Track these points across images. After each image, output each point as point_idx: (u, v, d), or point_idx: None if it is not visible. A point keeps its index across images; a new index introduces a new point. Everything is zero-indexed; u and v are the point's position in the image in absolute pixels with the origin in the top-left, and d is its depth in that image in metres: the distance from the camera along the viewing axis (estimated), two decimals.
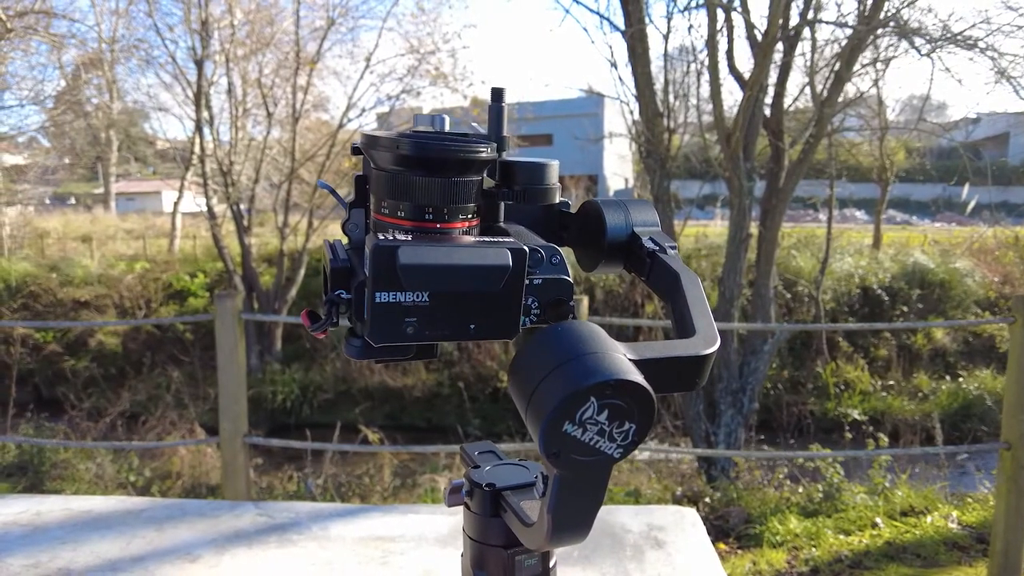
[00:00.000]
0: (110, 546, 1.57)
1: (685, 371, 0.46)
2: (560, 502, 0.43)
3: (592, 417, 0.40)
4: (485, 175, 0.56)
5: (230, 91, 10.74)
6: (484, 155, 0.52)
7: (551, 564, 0.60)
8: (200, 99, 10.27)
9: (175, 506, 1.81)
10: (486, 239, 0.50)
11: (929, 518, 3.96)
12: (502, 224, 0.58)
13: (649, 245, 0.56)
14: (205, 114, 10.49)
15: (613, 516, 1.69)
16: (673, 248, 0.56)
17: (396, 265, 0.45)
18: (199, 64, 10.16)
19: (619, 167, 26.37)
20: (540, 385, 0.41)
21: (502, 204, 0.58)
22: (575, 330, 0.43)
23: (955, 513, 4.02)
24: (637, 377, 0.40)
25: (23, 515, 1.73)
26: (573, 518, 0.45)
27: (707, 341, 0.47)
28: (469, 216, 0.53)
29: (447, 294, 0.47)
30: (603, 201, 0.60)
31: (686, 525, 1.67)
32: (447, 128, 0.54)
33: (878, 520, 3.95)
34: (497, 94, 0.57)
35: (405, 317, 0.47)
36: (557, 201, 0.58)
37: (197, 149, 10.58)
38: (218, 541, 1.59)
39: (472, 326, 0.49)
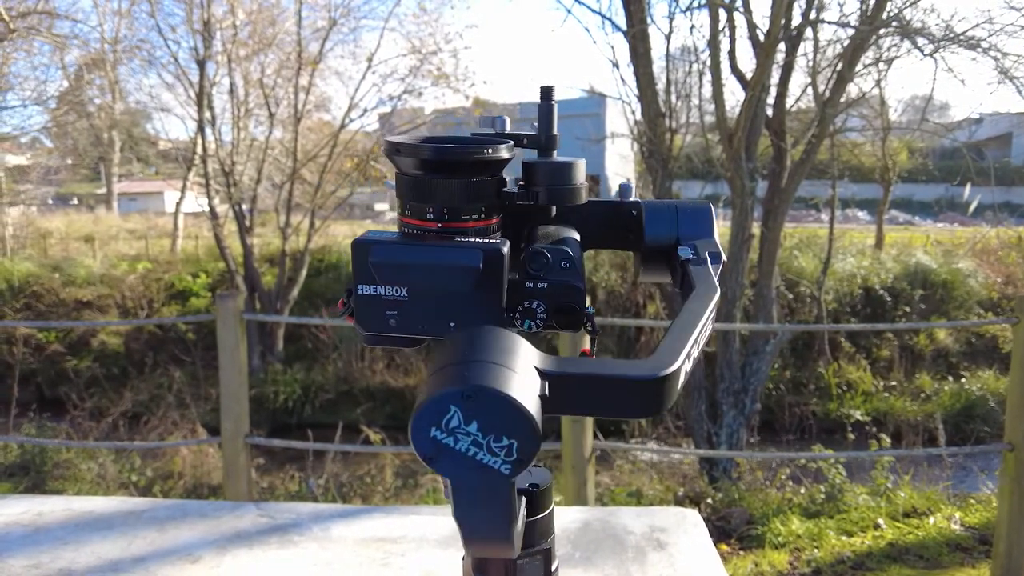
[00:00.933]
0: (111, 547, 1.57)
1: (629, 394, 0.42)
2: (462, 512, 0.42)
3: (460, 427, 0.38)
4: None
5: (232, 91, 10.75)
6: (489, 156, 0.51)
7: (553, 568, 0.59)
8: (202, 99, 10.28)
9: (176, 507, 1.81)
10: (476, 240, 0.50)
11: (932, 519, 3.95)
12: (549, 226, 0.58)
13: (684, 254, 0.54)
14: (207, 114, 10.49)
15: (615, 517, 1.68)
16: (716, 259, 0.54)
17: (368, 261, 0.47)
18: (201, 64, 10.17)
19: (621, 167, 26.36)
20: (423, 385, 0.41)
21: (554, 207, 0.57)
22: (479, 336, 0.42)
23: (958, 514, 4.01)
24: (505, 389, 0.37)
25: (24, 515, 1.72)
26: (484, 531, 0.43)
27: (655, 365, 0.41)
28: (481, 216, 0.52)
29: (422, 291, 0.49)
30: (651, 204, 0.58)
31: (688, 526, 1.67)
32: (507, 128, 0.56)
33: (880, 521, 3.94)
34: (546, 92, 0.56)
35: (386, 310, 0.49)
36: (583, 201, 0.57)
37: (199, 149, 10.59)
38: (219, 542, 1.59)
39: (452, 324, 0.49)
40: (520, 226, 0.58)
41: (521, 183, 0.56)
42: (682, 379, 0.43)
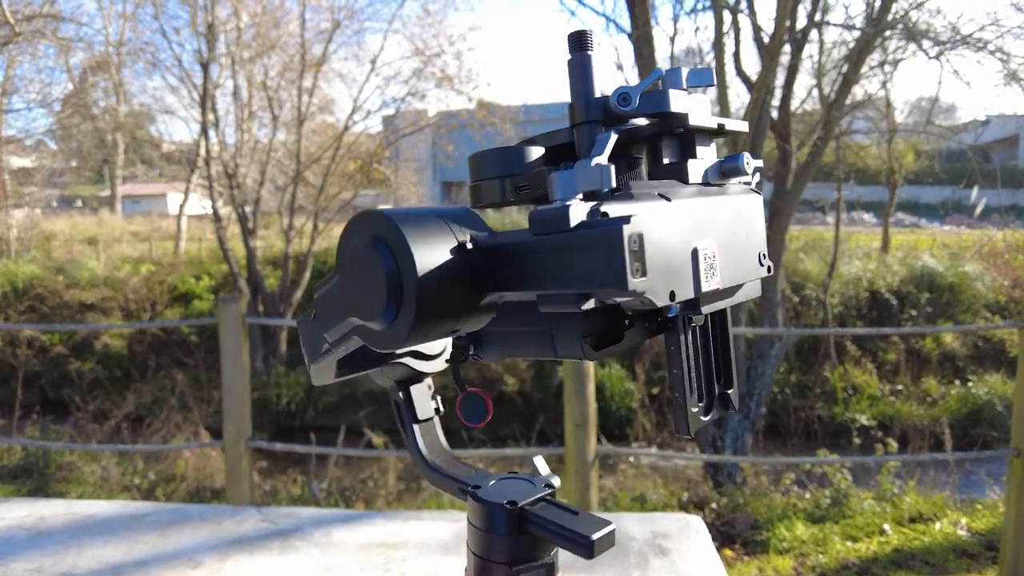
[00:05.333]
0: (113, 551, 1.57)
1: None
2: None
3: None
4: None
5: (236, 94, 10.78)
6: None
7: None
8: (206, 102, 10.29)
9: (178, 511, 1.80)
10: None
11: (938, 525, 3.92)
12: None
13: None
14: (211, 117, 10.51)
15: (617, 524, 1.66)
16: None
17: None
18: (205, 67, 10.18)
19: None
20: None
21: None
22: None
23: (964, 520, 3.98)
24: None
25: (27, 519, 1.72)
26: None
27: None
28: None
29: None
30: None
31: (691, 532, 1.65)
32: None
33: (886, 526, 3.91)
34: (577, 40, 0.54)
35: None
36: None
37: (203, 152, 10.60)
38: (220, 547, 1.58)
39: None
40: None
41: None
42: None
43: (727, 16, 5.54)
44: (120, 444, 6.71)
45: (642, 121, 0.51)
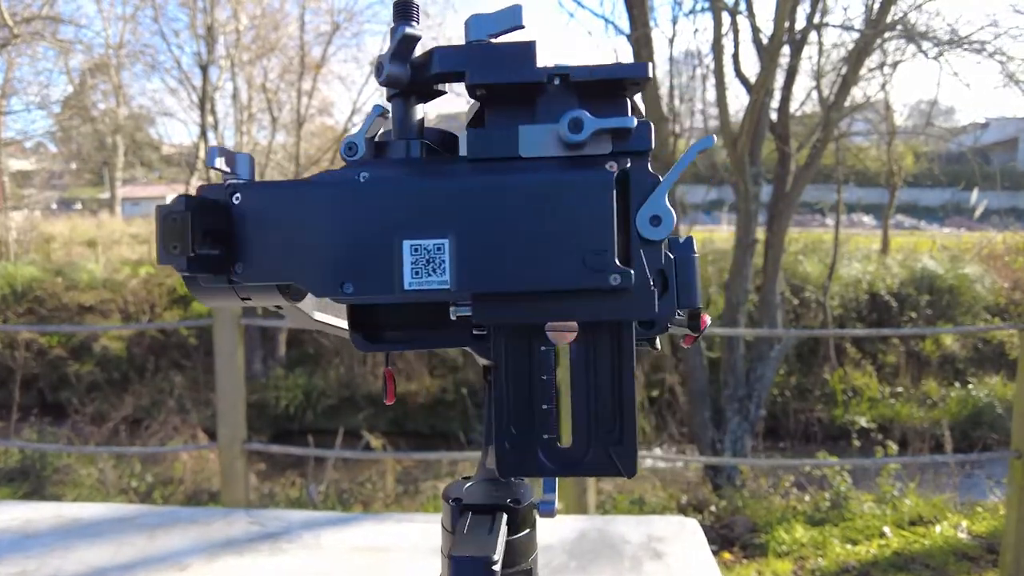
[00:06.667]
0: (100, 554, 1.56)
1: None
2: None
3: None
4: None
5: (235, 96, 10.78)
6: None
7: None
8: (205, 104, 10.30)
9: (167, 514, 1.79)
10: None
11: (938, 527, 3.90)
12: None
13: None
14: (210, 119, 10.51)
15: (612, 526, 1.65)
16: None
17: None
18: (204, 69, 10.19)
19: None
20: None
21: None
22: None
23: (965, 523, 3.96)
24: None
25: (13, 522, 1.71)
26: None
27: None
28: None
29: None
30: None
31: (686, 535, 1.64)
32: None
33: (886, 529, 3.89)
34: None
35: None
36: None
37: (202, 154, 10.60)
38: (209, 549, 1.57)
39: None
40: None
41: None
42: None
43: (726, 17, 5.53)
44: (117, 447, 6.69)
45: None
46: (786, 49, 5.66)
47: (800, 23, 5.73)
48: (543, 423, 0.47)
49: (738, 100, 13.49)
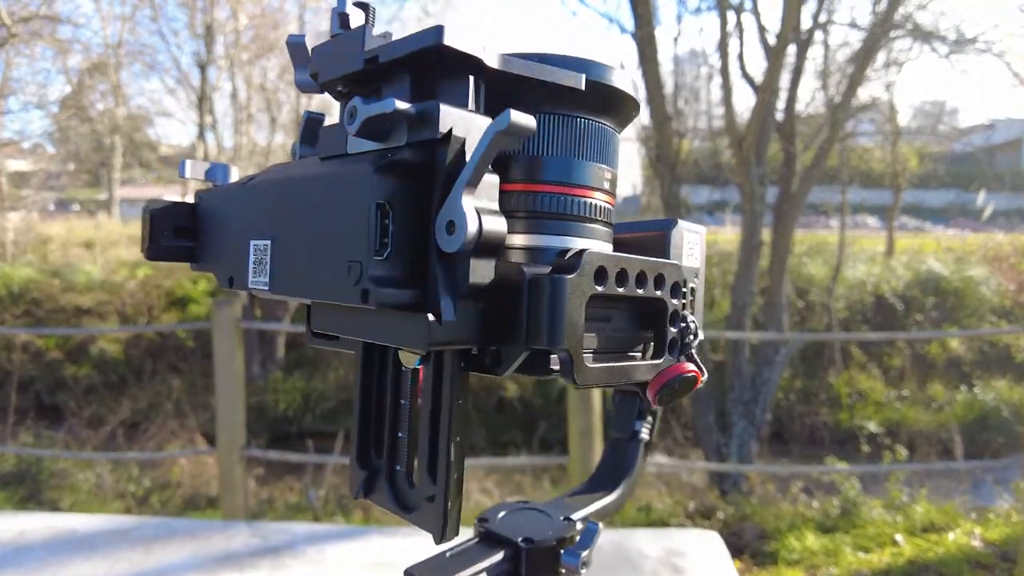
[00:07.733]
0: (94, 568, 1.50)
1: None
2: None
3: None
4: None
5: (234, 96, 10.72)
6: None
7: None
8: (204, 104, 10.24)
9: (164, 526, 1.72)
10: None
11: (951, 535, 3.82)
12: None
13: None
14: (209, 119, 10.46)
15: (629, 541, 1.58)
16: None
17: None
18: (203, 69, 10.14)
19: (625, 172, 26.41)
20: None
21: None
22: None
23: (978, 530, 3.88)
24: None
25: (6, 534, 1.65)
26: None
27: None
28: None
29: None
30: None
31: (708, 550, 1.57)
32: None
33: (898, 537, 3.81)
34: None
35: None
36: None
37: (201, 154, 10.54)
38: (207, 564, 1.50)
39: None
40: None
41: None
42: None
43: (731, 16, 5.47)
44: (114, 451, 6.62)
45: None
46: (792, 48, 5.60)
47: (807, 22, 5.69)
48: (392, 452, 0.44)
49: (743, 100, 13.40)
